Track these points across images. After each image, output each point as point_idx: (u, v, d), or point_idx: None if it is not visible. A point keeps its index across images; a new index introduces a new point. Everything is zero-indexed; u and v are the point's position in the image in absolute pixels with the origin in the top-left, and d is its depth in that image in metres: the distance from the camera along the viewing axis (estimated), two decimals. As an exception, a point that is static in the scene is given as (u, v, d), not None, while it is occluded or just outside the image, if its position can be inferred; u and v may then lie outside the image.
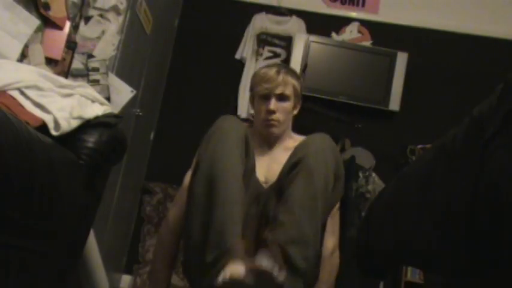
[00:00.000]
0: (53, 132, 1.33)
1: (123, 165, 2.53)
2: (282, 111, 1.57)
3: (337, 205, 1.55)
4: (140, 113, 2.68)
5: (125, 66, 2.29)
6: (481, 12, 3.32)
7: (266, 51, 3.32)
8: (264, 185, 1.49)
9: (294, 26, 3.33)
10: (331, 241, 1.53)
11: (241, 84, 3.27)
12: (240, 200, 1.25)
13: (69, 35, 1.89)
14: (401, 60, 3.16)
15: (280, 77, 1.55)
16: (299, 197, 1.26)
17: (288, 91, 1.57)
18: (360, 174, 2.70)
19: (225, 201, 1.22)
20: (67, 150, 1.29)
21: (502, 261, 0.73)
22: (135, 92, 2.19)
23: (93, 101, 1.54)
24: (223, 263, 1.11)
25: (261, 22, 3.35)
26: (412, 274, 2.92)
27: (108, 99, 2.04)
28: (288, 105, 1.58)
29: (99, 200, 1.50)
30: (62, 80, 1.55)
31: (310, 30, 3.30)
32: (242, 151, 1.34)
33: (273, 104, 1.54)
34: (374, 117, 3.22)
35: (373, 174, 2.74)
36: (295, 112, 1.64)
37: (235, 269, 1.08)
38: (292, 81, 1.57)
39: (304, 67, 3.13)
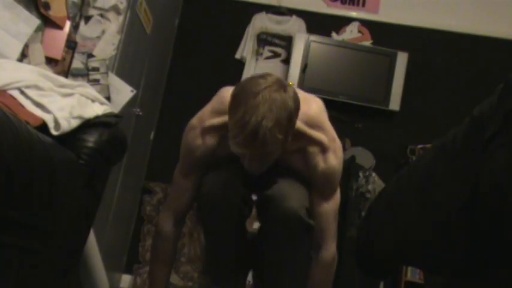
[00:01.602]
0: (53, 132, 1.33)
1: (123, 165, 2.53)
2: (266, 163, 1.27)
3: (338, 206, 1.49)
4: (140, 113, 2.67)
5: (125, 66, 2.28)
6: (481, 12, 3.32)
7: (266, 51, 3.32)
8: None
9: (294, 26, 3.33)
10: (332, 246, 1.49)
11: (241, 84, 3.26)
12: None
13: (69, 35, 1.89)
14: (402, 60, 3.15)
15: (259, 139, 1.12)
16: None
17: (272, 148, 1.18)
18: (360, 174, 2.69)
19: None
20: (67, 150, 1.29)
21: (502, 261, 0.73)
22: (135, 91, 2.18)
23: (93, 101, 1.54)
24: None
25: (261, 22, 3.35)
26: (412, 274, 2.92)
27: (108, 98, 2.04)
28: (273, 157, 1.25)
29: (99, 200, 1.50)
30: (62, 79, 1.55)
31: (310, 29, 3.30)
32: (238, 220, 1.44)
33: (250, 166, 1.26)
34: (374, 117, 3.22)
35: (373, 174, 2.74)
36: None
37: None
38: (278, 134, 1.14)
39: (304, 67, 3.13)
